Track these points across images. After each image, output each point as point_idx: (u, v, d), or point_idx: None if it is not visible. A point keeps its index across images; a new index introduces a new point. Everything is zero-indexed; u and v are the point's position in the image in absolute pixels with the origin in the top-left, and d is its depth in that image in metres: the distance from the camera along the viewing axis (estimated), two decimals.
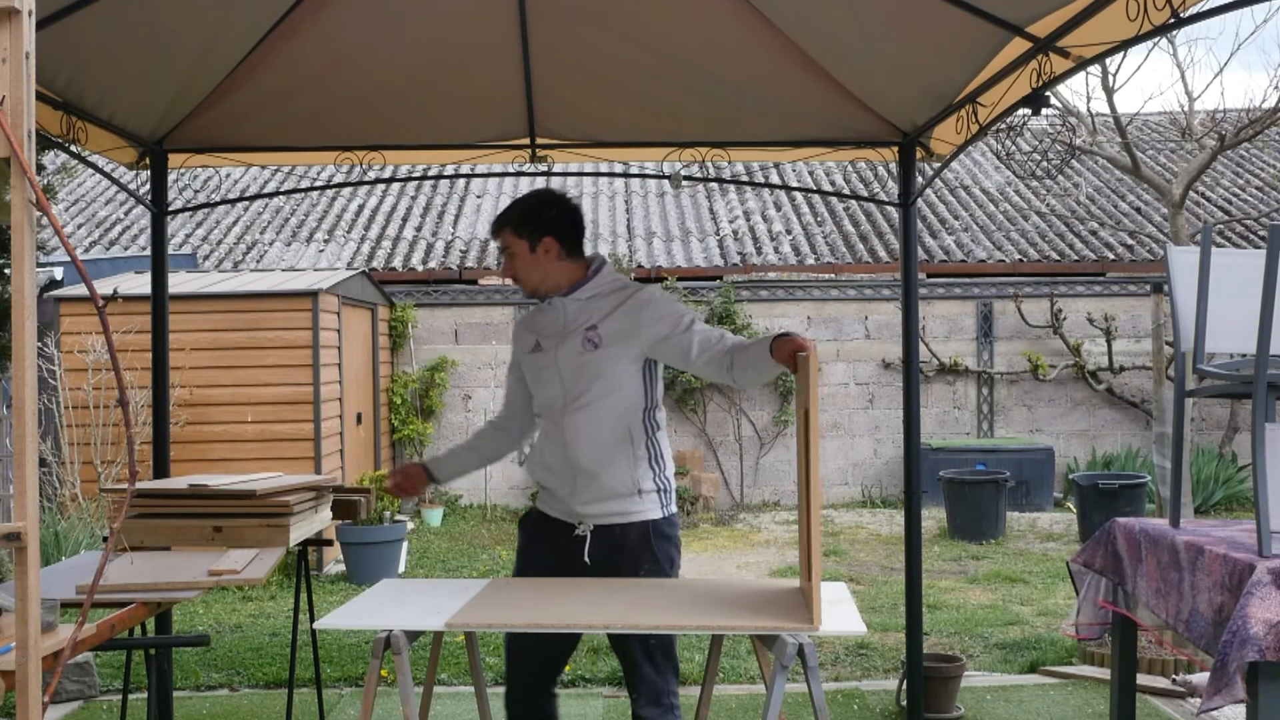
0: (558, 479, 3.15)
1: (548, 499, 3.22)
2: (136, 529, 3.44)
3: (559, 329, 3.16)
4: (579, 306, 3.15)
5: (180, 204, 5.63)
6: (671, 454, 3.24)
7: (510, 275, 3.21)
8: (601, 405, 3.08)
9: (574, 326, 3.13)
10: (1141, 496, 8.87)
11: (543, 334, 3.20)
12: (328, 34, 3.83)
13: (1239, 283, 2.96)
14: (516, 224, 3.16)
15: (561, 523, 3.16)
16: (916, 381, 4.44)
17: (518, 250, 3.16)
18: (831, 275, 11.81)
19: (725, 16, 3.74)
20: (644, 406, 3.13)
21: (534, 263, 3.16)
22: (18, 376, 1.77)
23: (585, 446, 3.07)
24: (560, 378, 3.13)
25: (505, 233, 3.18)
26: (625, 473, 3.07)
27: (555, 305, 3.19)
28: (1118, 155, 10.44)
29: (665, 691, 3.08)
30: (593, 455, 3.07)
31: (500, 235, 3.19)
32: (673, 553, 3.15)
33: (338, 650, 5.81)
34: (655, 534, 3.10)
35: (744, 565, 8.48)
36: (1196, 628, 2.79)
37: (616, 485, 3.07)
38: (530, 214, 3.17)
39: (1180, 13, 2.65)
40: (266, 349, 8.22)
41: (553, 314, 3.19)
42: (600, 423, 3.08)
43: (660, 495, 3.13)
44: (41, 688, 1.84)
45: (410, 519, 9.81)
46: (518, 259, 3.17)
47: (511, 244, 3.17)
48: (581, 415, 3.09)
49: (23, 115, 1.77)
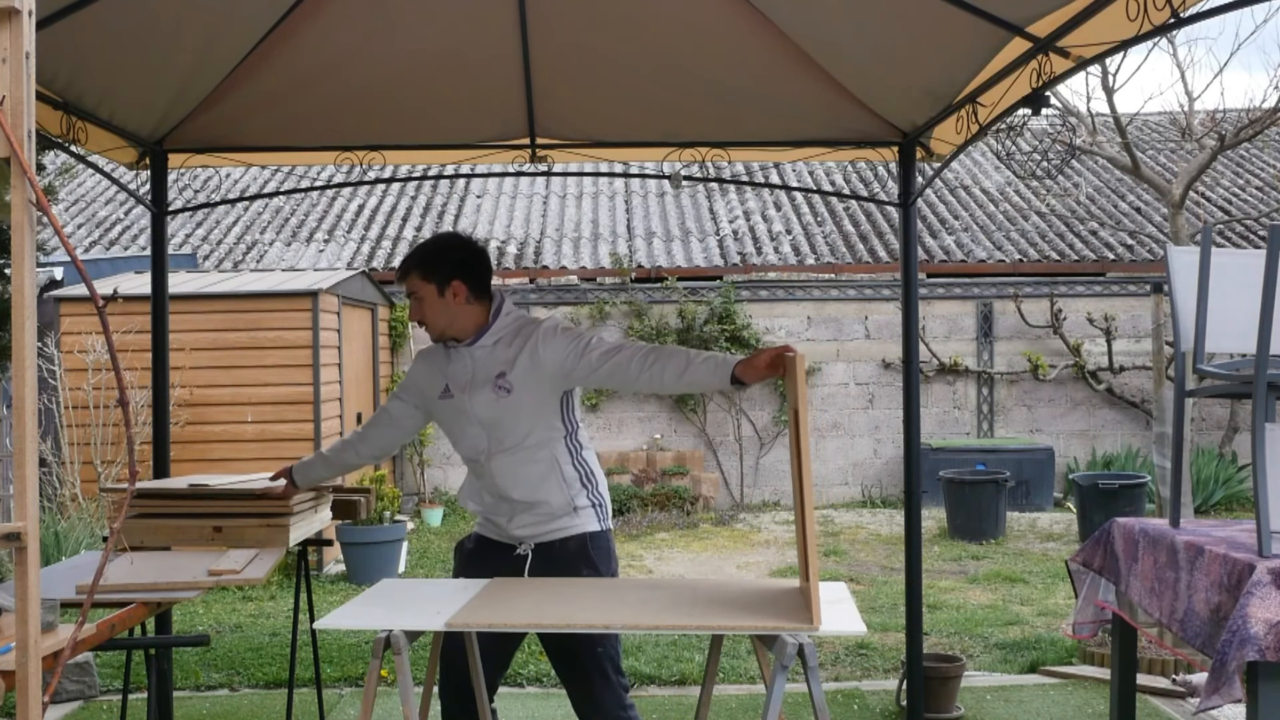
0: (493, 510, 3.24)
1: (486, 525, 3.30)
2: (136, 529, 3.44)
3: (468, 378, 3.18)
4: (485, 354, 3.18)
5: (180, 204, 5.63)
6: (601, 468, 3.31)
7: (418, 319, 3.21)
8: (524, 446, 3.15)
9: (483, 376, 3.16)
10: (1141, 496, 8.87)
11: (453, 380, 3.21)
12: (328, 34, 3.83)
13: (1239, 283, 2.96)
14: (424, 268, 3.17)
15: (501, 544, 3.25)
16: (916, 381, 4.44)
17: (425, 294, 3.17)
18: (831, 275, 11.81)
19: (725, 17, 3.74)
20: (564, 434, 3.20)
21: (442, 306, 3.17)
22: (18, 376, 1.77)
23: (516, 485, 3.16)
24: (480, 425, 3.17)
25: (412, 276, 3.17)
26: (559, 497, 3.16)
27: (462, 355, 3.20)
28: (1118, 155, 10.44)
29: (626, 698, 3.18)
30: (525, 490, 3.16)
31: (407, 279, 3.19)
32: (610, 561, 3.25)
33: (338, 650, 5.81)
34: (592, 545, 3.20)
35: (744, 565, 8.48)
36: (1191, 627, 2.79)
37: (554, 509, 3.16)
38: (438, 257, 3.18)
39: (1180, 13, 2.65)
40: (266, 349, 8.22)
41: (460, 363, 3.21)
42: (527, 460, 3.15)
43: (596, 510, 3.22)
44: (41, 688, 1.84)
45: (410, 519, 9.81)
46: (425, 303, 3.17)
47: (419, 288, 3.17)
48: (507, 458, 3.16)
49: (23, 115, 1.77)
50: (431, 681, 3.20)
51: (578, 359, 3.10)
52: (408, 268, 3.19)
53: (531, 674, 5.39)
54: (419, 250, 3.23)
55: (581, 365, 3.10)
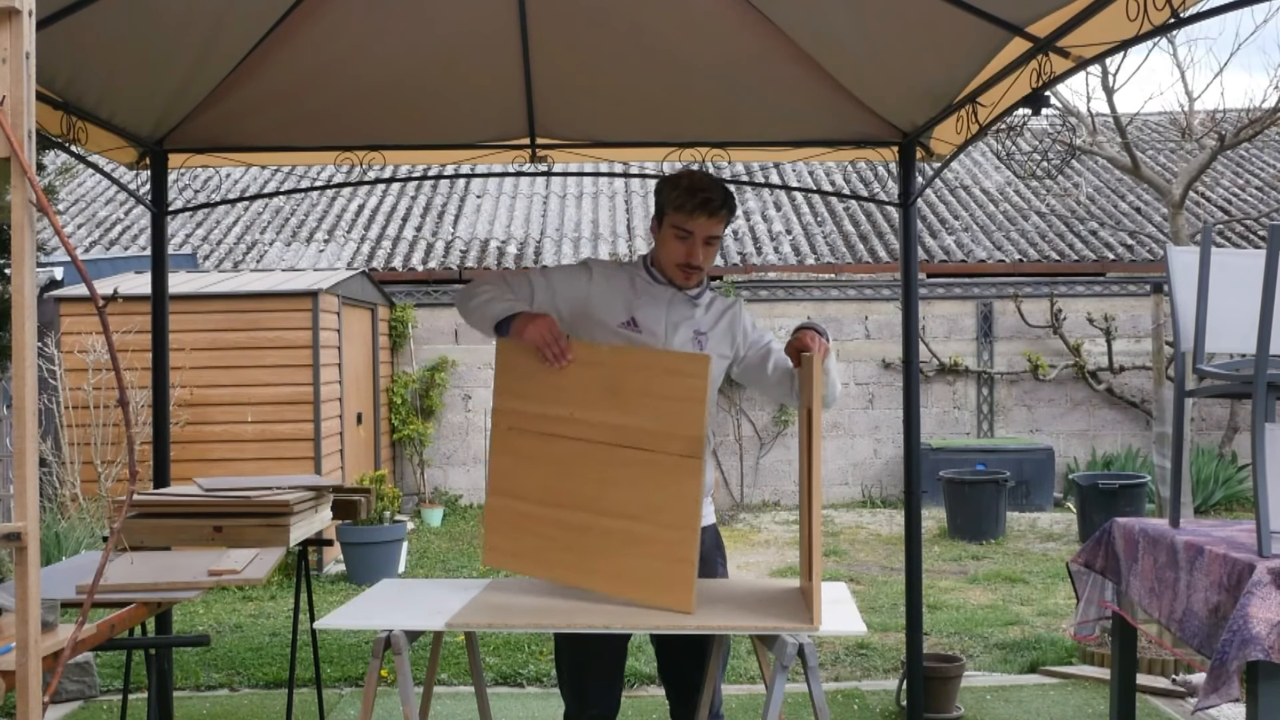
0: None
1: None
2: (136, 529, 3.44)
3: (665, 323, 2.99)
4: (697, 309, 3.03)
5: (180, 204, 5.63)
6: None
7: (698, 261, 2.95)
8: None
9: (687, 329, 2.99)
10: (1141, 496, 8.87)
11: (642, 316, 2.97)
12: (327, 34, 3.83)
13: (1239, 283, 2.96)
14: (730, 208, 2.95)
15: None
16: (916, 381, 4.44)
17: (719, 234, 2.97)
18: (831, 275, 11.81)
19: (725, 16, 3.74)
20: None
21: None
22: (18, 376, 1.77)
23: None
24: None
25: (723, 214, 2.93)
26: (709, 476, 2.95)
27: (663, 296, 3.00)
28: (1118, 155, 10.44)
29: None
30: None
31: (717, 216, 2.92)
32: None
33: (338, 650, 5.81)
34: (717, 537, 3.18)
35: (744, 565, 8.47)
36: (1190, 626, 2.79)
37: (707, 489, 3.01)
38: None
39: (1180, 13, 2.65)
40: (266, 349, 8.22)
41: (655, 306, 2.99)
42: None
43: (711, 501, 3.14)
44: (41, 688, 1.83)
45: (410, 519, 9.81)
46: (715, 244, 2.98)
47: (719, 229, 2.96)
48: None
49: (23, 115, 1.77)
50: (431, 681, 3.20)
51: (756, 345, 3.01)
52: (720, 203, 2.91)
53: (531, 674, 5.39)
54: (720, 187, 2.93)
55: (752, 355, 3.01)
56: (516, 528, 2.89)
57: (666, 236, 2.97)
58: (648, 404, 2.70)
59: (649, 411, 2.70)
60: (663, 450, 2.68)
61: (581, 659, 3.04)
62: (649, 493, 2.69)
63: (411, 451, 11.16)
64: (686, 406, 2.65)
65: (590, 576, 2.77)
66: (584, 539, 2.77)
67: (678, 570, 2.64)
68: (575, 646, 3.03)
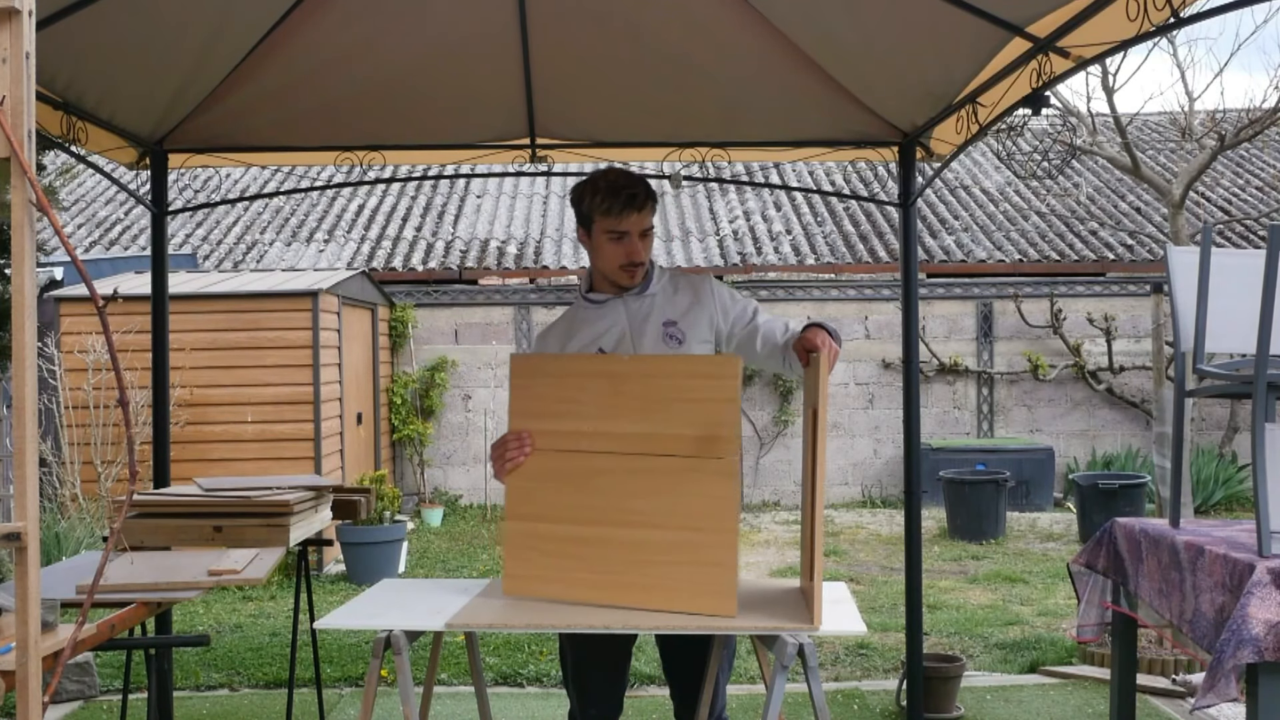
0: None
1: None
2: (136, 529, 3.44)
3: (624, 331, 2.95)
4: (654, 301, 2.98)
5: (180, 204, 5.63)
6: None
7: (641, 258, 2.92)
8: None
9: (654, 324, 2.94)
10: (1141, 496, 8.87)
11: (604, 339, 2.95)
12: (327, 34, 3.83)
13: (1239, 283, 2.96)
14: (653, 197, 2.91)
15: None
16: (916, 381, 4.44)
17: (650, 226, 2.93)
18: (831, 275, 11.81)
19: (725, 16, 3.74)
20: None
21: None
22: (18, 376, 1.77)
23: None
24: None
25: (651, 205, 2.91)
26: None
27: (615, 306, 2.96)
28: (1118, 155, 10.42)
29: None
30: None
31: (645, 210, 2.90)
32: None
33: (338, 650, 5.81)
34: None
35: (744, 565, 8.47)
36: (1200, 628, 2.79)
37: None
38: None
39: (1180, 13, 2.65)
40: (266, 349, 8.22)
41: (611, 316, 2.97)
42: None
43: None
44: (41, 688, 1.83)
45: (410, 519, 9.81)
46: (649, 236, 2.94)
47: (649, 221, 2.92)
48: None
49: (23, 115, 1.77)
50: (431, 681, 3.20)
51: (740, 321, 2.95)
52: (646, 198, 2.88)
53: (531, 674, 5.39)
54: (639, 180, 2.90)
55: (738, 332, 2.95)
56: (539, 551, 2.81)
57: (600, 243, 2.93)
58: (678, 409, 2.66)
59: (680, 416, 2.66)
60: (696, 454, 2.64)
61: (584, 658, 3.05)
62: (682, 499, 2.65)
63: (411, 451, 11.17)
64: (719, 407, 2.63)
65: (622, 591, 2.71)
66: (613, 553, 2.72)
67: (717, 575, 2.60)
68: (578, 646, 3.03)
